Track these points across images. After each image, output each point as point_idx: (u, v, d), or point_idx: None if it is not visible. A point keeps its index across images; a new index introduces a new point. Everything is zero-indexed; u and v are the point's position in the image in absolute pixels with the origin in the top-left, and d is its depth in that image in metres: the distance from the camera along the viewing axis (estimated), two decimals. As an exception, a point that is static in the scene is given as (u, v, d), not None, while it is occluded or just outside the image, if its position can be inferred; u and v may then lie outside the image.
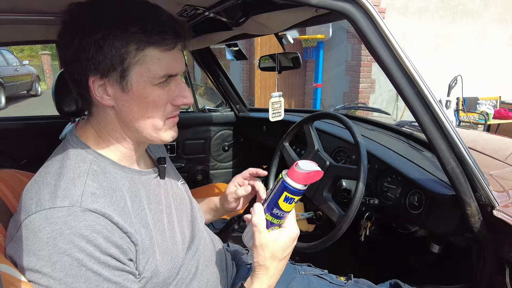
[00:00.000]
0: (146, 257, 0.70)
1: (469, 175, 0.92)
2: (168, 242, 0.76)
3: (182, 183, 0.97)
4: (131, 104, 0.70)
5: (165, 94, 0.71)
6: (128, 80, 0.68)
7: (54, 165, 0.69)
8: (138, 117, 0.71)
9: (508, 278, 0.95)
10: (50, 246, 0.59)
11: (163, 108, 0.72)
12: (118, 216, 0.66)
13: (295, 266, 1.13)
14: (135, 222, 0.70)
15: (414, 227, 1.28)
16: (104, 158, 0.72)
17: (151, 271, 0.71)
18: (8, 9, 1.13)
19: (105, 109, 0.72)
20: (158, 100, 0.70)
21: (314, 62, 6.86)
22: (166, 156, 0.91)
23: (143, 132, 0.73)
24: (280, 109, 1.59)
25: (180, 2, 1.07)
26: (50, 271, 0.59)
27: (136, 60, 0.67)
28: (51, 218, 0.61)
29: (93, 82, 0.68)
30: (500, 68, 6.87)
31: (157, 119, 0.72)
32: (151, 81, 0.68)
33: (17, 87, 10.88)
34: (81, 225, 0.61)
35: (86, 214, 0.62)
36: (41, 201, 0.63)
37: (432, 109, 0.88)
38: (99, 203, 0.64)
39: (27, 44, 3.04)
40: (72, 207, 0.62)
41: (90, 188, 0.66)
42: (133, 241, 0.67)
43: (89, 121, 0.75)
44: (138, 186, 0.76)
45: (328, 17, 1.05)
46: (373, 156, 1.35)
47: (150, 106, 0.70)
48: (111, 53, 0.65)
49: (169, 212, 0.82)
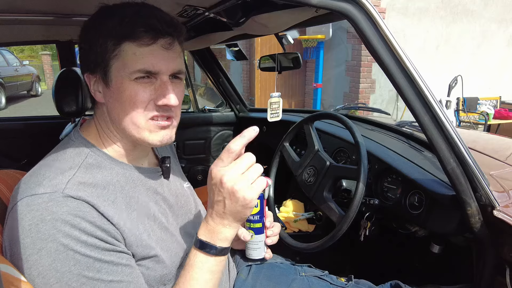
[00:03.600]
0: (146, 251, 0.70)
1: (469, 175, 0.92)
2: (167, 241, 0.76)
3: (188, 186, 0.97)
4: (113, 100, 0.71)
5: (146, 92, 0.70)
6: (109, 76, 0.70)
7: (50, 157, 0.71)
8: (120, 114, 0.71)
9: (508, 279, 0.95)
10: (33, 233, 0.59)
11: (142, 106, 0.70)
12: (106, 207, 0.65)
13: (295, 267, 1.12)
14: (128, 217, 0.69)
15: (414, 227, 1.28)
16: (101, 152, 0.73)
17: (153, 264, 0.71)
18: (8, 9, 1.13)
19: (101, 106, 0.75)
20: (135, 96, 0.69)
21: (314, 62, 6.85)
22: (171, 157, 0.90)
23: (126, 130, 0.72)
24: (278, 109, 1.59)
25: (180, 2, 1.07)
26: (37, 258, 0.59)
27: (114, 55, 0.69)
28: (32, 204, 0.60)
29: (88, 78, 0.73)
30: (500, 68, 6.87)
31: (136, 117, 0.71)
32: (128, 76, 0.69)
33: (17, 87, 10.87)
34: (63, 210, 0.60)
35: (68, 200, 0.61)
36: (26, 189, 0.63)
37: (432, 109, 0.87)
38: (86, 192, 0.64)
39: (27, 44, 3.05)
40: (53, 193, 0.61)
41: (78, 178, 0.65)
42: (121, 232, 0.66)
43: (92, 118, 0.78)
44: (137, 183, 0.76)
45: (328, 17, 1.05)
46: (373, 156, 1.35)
47: (126, 101, 0.70)
48: (96, 49, 0.69)
49: (170, 211, 0.82)
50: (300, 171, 1.36)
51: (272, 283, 1.00)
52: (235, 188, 0.64)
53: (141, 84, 0.70)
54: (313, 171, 1.31)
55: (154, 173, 0.82)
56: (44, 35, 1.78)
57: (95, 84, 0.73)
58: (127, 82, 0.69)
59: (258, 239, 0.96)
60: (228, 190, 0.65)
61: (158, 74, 0.71)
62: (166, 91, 0.71)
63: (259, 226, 0.95)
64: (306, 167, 1.34)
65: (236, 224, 0.70)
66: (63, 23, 1.43)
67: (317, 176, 1.27)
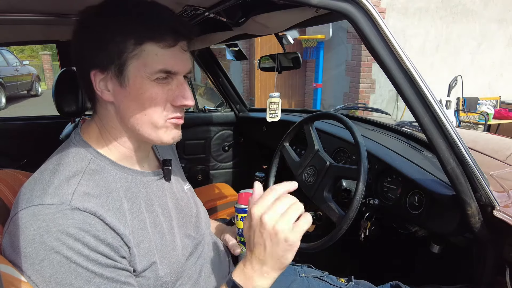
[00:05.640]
0: (146, 259, 0.69)
1: (469, 175, 0.92)
2: (167, 246, 0.76)
3: (188, 188, 0.96)
4: (128, 100, 0.70)
5: (164, 92, 0.70)
6: (125, 75, 0.68)
7: (53, 162, 0.69)
8: (136, 113, 0.70)
9: (509, 279, 0.95)
10: (36, 243, 0.59)
11: (161, 106, 0.71)
12: (111, 217, 0.65)
13: (295, 268, 1.12)
14: (132, 224, 0.69)
15: (414, 227, 1.28)
16: (104, 157, 0.72)
17: (150, 274, 0.70)
18: (8, 9, 1.13)
19: (106, 105, 0.72)
20: (155, 98, 0.69)
21: (314, 62, 6.86)
22: (173, 159, 0.90)
23: (140, 130, 0.72)
24: (278, 109, 1.59)
25: (180, 2, 1.07)
26: (39, 268, 0.59)
27: (134, 55, 0.67)
28: (38, 215, 0.60)
29: (95, 76, 0.69)
30: (500, 68, 6.87)
31: (155, 118, 0.71)
32: (148, 76, 0.68)
33: (17, 87, 10.87)
34: (69, 223, 0.60)
35: (74, 213, 0.61)
36: (31, 197, 0.63)
37: (432, 109, 0.87)
38: (91, 203, 0.64)
39: (27, 44, 3.05)
40: (61, 204, 0.61)
41: (83, 187, 0.65)
42: (126, 242, 0.66)
43: (93, 118, 0.77)
44: (139, 187, 0.75)
45: (328, 17, 1.05)
46: (373, 156, 1.35)
47: (147, 102, 0.69)
48: (111, 47, 0.67)
49: (170, 216, 0.81)
50: (300, 171, 1.36)
51: (272, 284, 1.00)
52: (276, 228, 0.61)
53: (161, 86, 0.70)
54: (313, 171, 1.31)
55: (156, 176, 0.82)
56: (44, 35, 1.78)
57: (103, 82, 0.70)
58: (147, 82, 0.68)
59: None
60: (269, 231, 0.62)
61: (176, 75, 0.71)
62: (185, 91, 0.72)
63: None
64: (306, 167, 1.34)
65: (275, 274, 0.67)
66: (63, 23, 1.43)
67: (317, 176, 1.27)
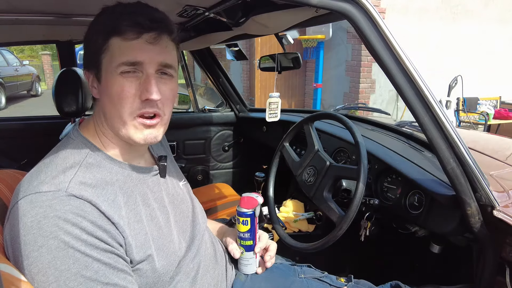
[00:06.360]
0: (142, 251, 0.70)
1: (469, 175, 0.92)
2: (164, 239, 0.77)
3: (184, 183, 0.98)
4: (104, 95, 0.73)
5: (132, 87, 0.70)
6: (100, 71, 0.72)
7: (51, 155, 0.71)
8: (110, 108, 0.72)
9: (508, 279, 0.95)
10: (34, 229, 0.59)
11: (129, 101, 0.70)
12: (107, 207, 0.66)
13: (295, 268, 1.12)
14: (127, 216, 0.70)
15: (414, 227, 1.28)
16: (101, 152, 0.74)
17: (147, 266, 0.71)
18: (8, 9, 1.13)
19: (98, 102, 0.76)
20: (121, 91, 0.70)
21: (314, 62, 6.85)
22: (168, 155, 0.91)
23: (114, 126, 0.73)
24: (277, 109, 1.59)
25: (180, 2, 1.08)
26: (38, 255, 0.59)
27: (103, 50, 0.71)
28: (36, 201, 0.61)
29: (87, 74, 0.76)
30: (500, 68, 6.86)
31: (122, 112, 0.71)
32: (115, 70, 0.70)
33: (17, 87, 10.86)
34: (65, 208, 0.61)
35: (71, 199, 0.62)
36: (29, 187, 0.64)
37: (432, 109, 0.87)
38: (88, 192, 0.65)
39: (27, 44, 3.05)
40: (58, 191, 0.62)
41: (80, 178, 0.66)
42: (121, 232, 0.67)
43: (92, 115, 0.80)
44: (135, 182, 0.77)
45: (328, 17, 1.05)
46: (373, 156, 1.35)
47: (115, 97, 0.70)
48: (90, 45, 0.73)
49: (166, 210, 0.82)
50: (300, 171, 1.36)
51: (271, 285, 1.00)
52: None
53: (127, 78, 0.70)
54: (313, 171, 1.30)
55: (151, 172, 0.83)
56: (44, 35, 1.78)
57: (91, 80, 0.76)
58: (115, 77, 0.70)
59: (249, 256, 0.99)
60: None
61: (143, 67, 0.71)
62: (149, 85, 0.70)
63: (249, 243, 0.98)
64: (306, 167, 1.34)
65: None
66: (63, 23, 1.44)
67: (317, 176, 1.27)
